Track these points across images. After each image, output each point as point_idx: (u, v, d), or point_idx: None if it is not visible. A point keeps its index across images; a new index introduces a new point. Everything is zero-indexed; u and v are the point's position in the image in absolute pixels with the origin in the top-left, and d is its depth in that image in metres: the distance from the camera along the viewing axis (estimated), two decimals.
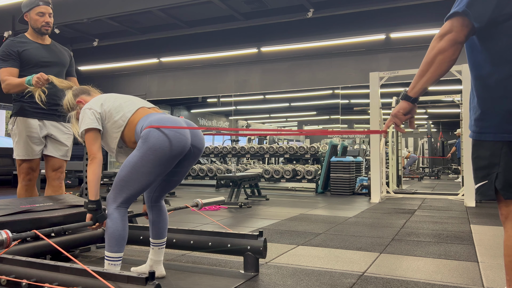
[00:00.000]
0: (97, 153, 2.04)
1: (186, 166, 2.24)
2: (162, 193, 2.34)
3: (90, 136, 2.06)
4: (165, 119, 2.06)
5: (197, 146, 2.18)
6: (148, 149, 1.97)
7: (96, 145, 2.06)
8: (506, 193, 1.41)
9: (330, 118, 18.40)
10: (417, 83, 1.50)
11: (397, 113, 1.55)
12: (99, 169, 2.03)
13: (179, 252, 3.01)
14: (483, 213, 5.19)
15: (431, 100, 10.34)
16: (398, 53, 8.46)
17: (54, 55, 3.02)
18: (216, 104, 13.40)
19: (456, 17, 1.40)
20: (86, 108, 2.11)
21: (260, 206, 5.96)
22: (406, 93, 1.53)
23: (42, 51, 2.93)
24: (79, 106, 2.26)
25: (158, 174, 2.04)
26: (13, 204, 2.45)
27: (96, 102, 2.14)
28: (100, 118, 2.09)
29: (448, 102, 9.62)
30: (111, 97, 2.20)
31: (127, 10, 7.09)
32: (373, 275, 2.49)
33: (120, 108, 2.13)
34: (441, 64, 1.43)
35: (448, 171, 16.58)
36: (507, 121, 1.40)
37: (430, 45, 1.45)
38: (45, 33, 2.97)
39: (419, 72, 1.48)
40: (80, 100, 2.27)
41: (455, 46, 1.41)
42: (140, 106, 2.19)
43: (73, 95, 2.30)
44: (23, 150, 2.90)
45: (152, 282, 1.52)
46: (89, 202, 2.02)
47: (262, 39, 9.13)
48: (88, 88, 2.37)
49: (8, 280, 1.77)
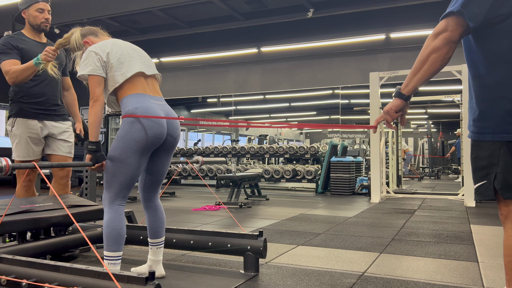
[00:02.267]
0: (100, 95, 2.06)
1: (162, 159, 2.27)
2: (151, 191, 2.33)
3: (94, 79, 2.07)
4: (148, 109, 2.07)
5: (171, 135, 2.20)
6: (126, 139, 2.02)
7: (99, 88, 2.07)
8: (505, 193, 1.41)
9: (330, 118, 18.41)
10: (410, 81, 1.51)
11: (389, 110, 1.56)
12: (101, 111, 2.05)
13: (179, 252, 3.01)
14: (483, 213, 5.19)
15: (431, 100, 10.34)
16: (398, 53, 8.46)
17: None
18: (216, 104, 13.40)
19: (451, 16, 1.40)
20: (93, 51, 2.10)
21: (260, 206, 5.96)
22: (400, 90, 1.55)
23: (40, 49, 2.85)
24: (85, 47, 2.26)
25: (138, 162, 2.06)
26: (13, 204, 2.45)
27: (103, 49, 2.13)
28: (104, 66, 2.11)
29: (448, 102, 9.62)
30: (118, 48, 2.18)
31: (127, 10, 7.09)
32: (373, 275, 2.49)
33: (122, 65, 2.13)
34: (435, 63, 1.44)
35: (448, 171, 16.58)
36: (505, 121, 1.41)
37: (425, 44, 1.46)
38: (44, 29, 2.95)
39: (413, 70, 1.49)
40: (87, 41, 2.28)
41: (449, 45, 1.42)
42: (140, 70, 2.18)
43: (81, 34, 2.30)
44: (24, 151, 2.87)
45: (152, 282, 1.52)
46: (89, 143, 2.03)
47: (262, 39, 9.14)
48: (96, 29, 2.36)
49: (8, 280, 1.77)
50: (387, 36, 8.32)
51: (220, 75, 10.14)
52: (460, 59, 1.83)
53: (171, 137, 2.20)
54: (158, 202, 2.37)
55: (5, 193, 7.81)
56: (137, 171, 2.08)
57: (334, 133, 13.48)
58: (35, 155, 2.91)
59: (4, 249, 2.17)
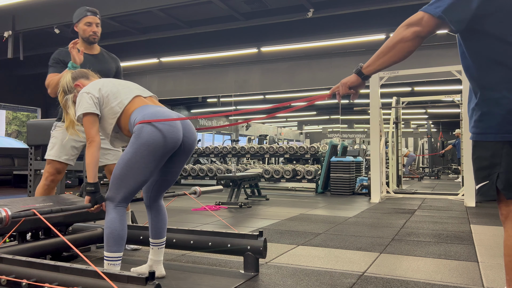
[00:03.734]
0: (95, 136, 2.05)
1: (179, 162, 2.24)
2: (159, 192, 2.33)
3: (88, 120, 2.07)
4: (158, 113, 2.05)
5: (188, 140, 2.17)
6: (142, 145, 1.98)
7: (94, 129, 2.07)
8: (508, 193, 1.41)
9: (330, 118, 18.40)
10: (373, 63, 1.56)
11: (345, 83, 1.63)
12: (98, 152, 2.04)
13: (179, 252, 3.01)
14: (483, 213, 5.19)
15: (431, 100, 10.34)
16: None
17: (97, 65, 3.03)
18: (216, 104, 13.41)
19: (430, 14, 1.43)
20: (84, 92, 2.11)
21: (260, 206, 5.96)
22: (361, 69, 1.59)
23: (90, 60, 3.00)
24: (76, 90, 2.26)
25: (152, 170, 2.04)
26: (13, 204, 2.45)
27: (94, 87, 2.14)
28: (98, 103, 2.10)
29: (448, 102, 9.62)
30: (109, 82, 2.20)
31: (127, 10, 7.08)
32: (373, 275, 2.49)
33: (118, 94, 2.13)
34: (400, 52, 1.49)
35: (448, 171, 16.58)
36: (507, 122, 1.41)
37: (396, 31, 1.50)
38: (93, 42, 3.08)
39: (379, 53, 1.54)
40: (78, 84, 2.27)
41: (417, 39, 1.46)
42: (137, 94, 2.18)
43: (72, 78, 2.29)
44: (58, 152, 2.90)
45: (152, 282, 1.52)
46: (88, 184, 2.02)
47: (262, 39, 9.13)
48: (87, 72, 2.37)
49: (8, 280, 1.77)
50: (387, 36, 8.30)
51: (220, 75, 10.14)
52: None
53: (188, 143, 2.17)
54: (162, 202, 2.37)
55: (5, 193, 7.81)
56: (148, 178, 2.06)
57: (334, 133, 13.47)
58: (67, 160, 2.92)
59: (4, 249, 2.17)
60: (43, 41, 8.88)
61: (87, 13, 3.03)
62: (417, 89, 11.18)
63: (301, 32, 8.59)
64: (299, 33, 8.62)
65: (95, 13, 3.06)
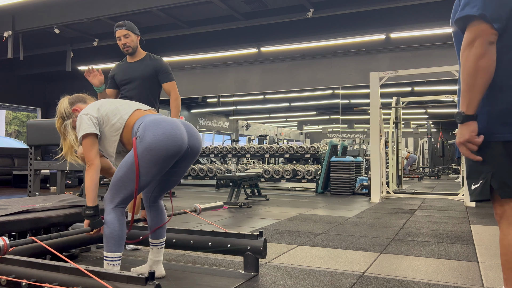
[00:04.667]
0: (95, 159, 2.03)
1: (183, 166, 2.24)
2: (160, 193, 2.33)
3: (87, 142, 2.05)
4: (161, 120, 2.06)
5: (194, 147, 2.18)
6: (144, 149, 1.97)
7: (93, 151, 2.04)
8: (502, 192, 1.41)
9: (330, 118, 18.40)
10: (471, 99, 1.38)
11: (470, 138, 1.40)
12: (97, 175, 2.02)
13: (179, 252, 3.01)
14: (483, 213, 5.19)
15: (431, 100, 10.33)
16: (398, 53, 8.46)
17: (133, 72, 3.25)
18: (216, 104, 13.39)
19: (476, 21, 1.36)
20: (83, 114, 2.10)
21: (260, 206, 5.96)
22: (465, 113, 1.39)
23: (123, 72, 3.29)
24: (74, 115, 2.24)
25: (155, 174, 2.04)
26: (13, 204, 2.45)
27: (92, 108, 2.13)
28: (97, 123, 2.08)
29: (448, 102, 9.62)
30: (107, 102, 2.20)
31: (127, 10, 7.08)
32: (373, 275, 2.49)
33: (117, 111, 2.13)
34: (487, 68, 1.36)
35: (448, 171, 16.58)
36: (498, 122, 1.41)
37: (462, 58, 1.39)
38: (128, 53, 3.27)
39: (466, 88, 1.39)
40: (76, 108, 2.25)
41: (492, 46, 1.36)
42: (136, 108, 2.19)
43: (69, 103, 2.27)
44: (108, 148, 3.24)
45: (152, 282, 1.52)
46: (87, 208, 2.01)
47: (262, 39, 9.13)
48: (84, 96, 2.35)
49: (8, 280, 1.77)
50: (387, 36, 8.31)
51: (220, 75, 10.14)
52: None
53: (193, 150, 2.17)
54: (161, 203, 2.38)
55: (5, 193, 7.81)
56: (150, 182, 2.07)
57: (334, 133, 13.47)
58: None
59: None
60: (43, 41, 8.88)
61: (115, 29, 3.25)
62: (417, 89, 11.17)
63: (301, 32, 8.59)
64: (299, 33, 8.61)
65: (121, 26, 3.22)
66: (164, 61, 3.34)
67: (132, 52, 3.26)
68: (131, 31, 3.22)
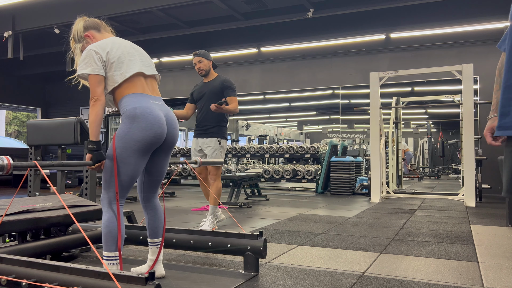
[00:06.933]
0: (101, 95, 2.05)
1: (163, 157, 2.27)
2: (151, 191, 2.34)
3: (95, 79, 2.06)
4: (144, 109, 2.07)
5: (171, 134, 2.21)
6: (126, 139, 2.02)
7: (100, 88, 2.06)
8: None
9: (330, 118, 18.38)
10: None
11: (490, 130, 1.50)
12: (102, 111, 2.04)
13: (179, 252, 3.01)
14: (483, 213, 5.19)
15: (431, 100, 10.33)
16: (398, 53, 8.46)
17: (205, 89, 3.98)
18: None
19: None
20: (93, 50, 2.09)
21: (260, 206, 5.96)
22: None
23: (198, 90, 4.04)
24: (85, 40, 2.25)
25: (138, 163, 2.06)
26: (13, 204, 2.45)
27: (103, 47, 2.12)
28: (104, 65, 2.10)
29: (448, 102, 9.62)
30: (117, 47, 2.17)
31: (127, 10, 7.09)
32: (373, 275, 2.49)
33: (122, 65, 2.13)
34: None
35: (448, 171, 16.57)
36: None
37: None
38: (202, 75, 4.02)
39: None
40: (88, 35, 2.27)
41: None
42: (139, 70, 2.17)
43: (84, 26, 2.28)
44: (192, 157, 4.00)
45: (152, 282, 1.52)
46: (90, 142, 2.02)
47: (262, 39, 9.13)
48: (101, 23, 2.34)
49: (8, 280, 1.77)
50: (387, 36, 8.31)
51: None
52: (460, 59, 1.82)
53: (170, 137, 2.21)
54: (157, 202, 2.38)
55: (5, 193, 7.81)
56: (136, 171, 2.08)
57: (334, 133, 13.46)
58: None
59: (4, 249, 2.17)
60: (43, 41, 8.88)
61: (192, 56, 3.98)
62: (417, 89, 11.16)
63: (301, 32, 8.59)
64: (299, 33, 8.62)
65: (196, 54, 3.95)
66: (230, 80, 4.01)
67: (205, 74, 3.98)
68: (204, 58, 3.93)
